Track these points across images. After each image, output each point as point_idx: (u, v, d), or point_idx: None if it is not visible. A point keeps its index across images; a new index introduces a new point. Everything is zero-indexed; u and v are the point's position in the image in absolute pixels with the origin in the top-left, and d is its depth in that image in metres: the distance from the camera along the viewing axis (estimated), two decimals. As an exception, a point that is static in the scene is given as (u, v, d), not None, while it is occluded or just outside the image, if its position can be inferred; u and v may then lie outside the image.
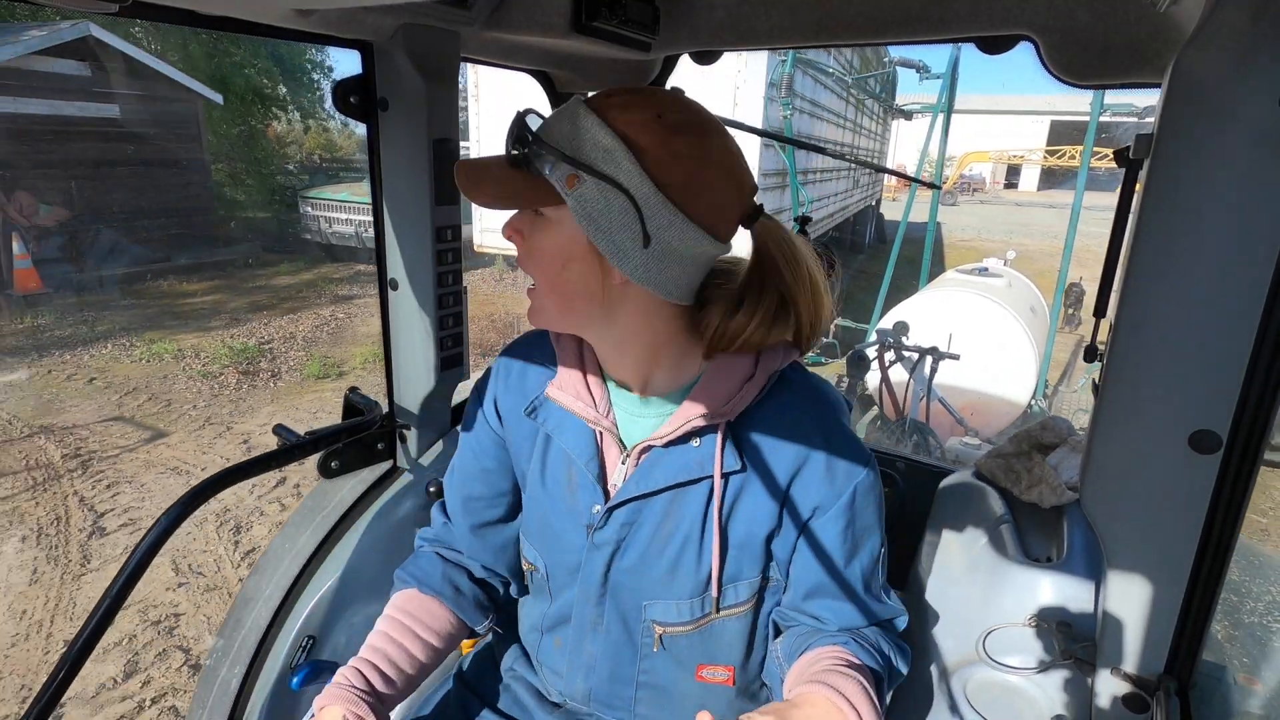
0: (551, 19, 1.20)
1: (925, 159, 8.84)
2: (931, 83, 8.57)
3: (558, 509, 0.99)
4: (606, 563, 0.97)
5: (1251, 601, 1.67)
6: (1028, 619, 1.04)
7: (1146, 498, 0.91)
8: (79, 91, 10.66)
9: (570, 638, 1.04)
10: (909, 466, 1.53)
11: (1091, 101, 6.79)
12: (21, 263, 9.59)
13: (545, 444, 1.00)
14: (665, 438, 0.90)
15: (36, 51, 9.95)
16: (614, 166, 0.77)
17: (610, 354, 0.93)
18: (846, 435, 0.91)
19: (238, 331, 9.08)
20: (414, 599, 1.06)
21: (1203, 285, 0.81)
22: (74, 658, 1.01)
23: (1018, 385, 5.94)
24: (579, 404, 0.94)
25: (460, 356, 1.51)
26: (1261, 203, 0.76)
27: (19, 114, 9.79)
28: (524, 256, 0.88)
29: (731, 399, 0.88)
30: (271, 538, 1.46)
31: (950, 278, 7.35)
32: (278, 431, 1.34)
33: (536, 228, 0.85)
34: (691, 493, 0.92)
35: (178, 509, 1.12)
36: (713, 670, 1.00)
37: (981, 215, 26.65)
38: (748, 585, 0.95)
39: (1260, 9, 0.73)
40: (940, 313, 6.12)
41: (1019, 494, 1.19)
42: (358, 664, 0.97)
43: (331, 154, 25.81)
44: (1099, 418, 0.94)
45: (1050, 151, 32.35)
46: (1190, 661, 0.92)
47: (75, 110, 10.47)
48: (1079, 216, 6.90)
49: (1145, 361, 0.87)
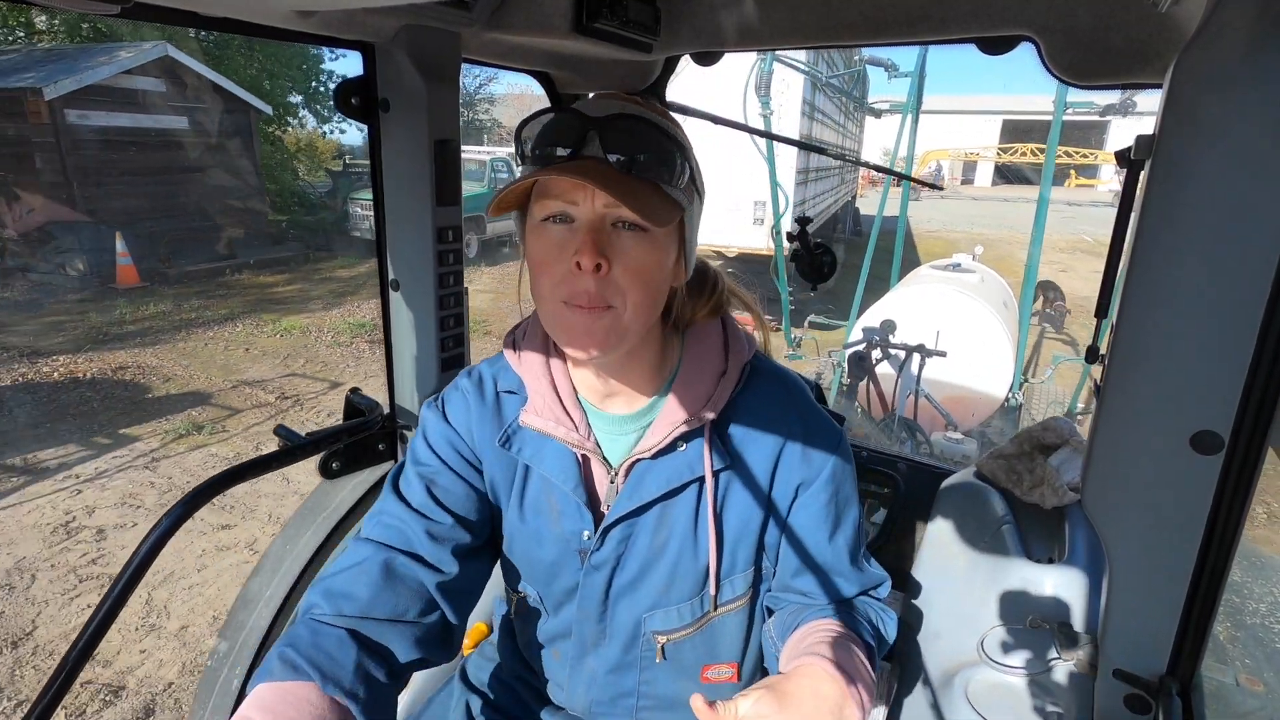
0: (552, 20, 1.20)
1: (897, 157, 8.96)
2: (899, 81, 8.69)
3: (543, 539, 0.96)
4: (606, 581, 0.96)
5: (1254, 603, 1.67)
6: (1029, 620, 1.04)
7: (1148, 498, 0.91)
8: (156, 106, 12.02)
9: (570, 653, 1.03)
10: (910, 467, 1.53)
11: (1055, 99, 6.88)
12: (123, 260, 10.46)
13: (525, 475, 0.96)
14: (653, 448, 0.88)
15: (126, 70, 11.20)
16: (699, 174, 0.85)
17: (615, 368, 0.89)
18: (818, 414, 0.94)
19: (339, 312, 10.16)
20: (300, 700, 0.73)
21: (1204, 286, 0.81)
22: (75, 659, 1.01)
23: (996, 379, 6.03)
24: (560, 429, 0.90)
25: (461, 357, 1.51)
26: (1262, 203, 0.76)
27: (109, 126, 11.11)
28: (613, 281, 0.78)
29: (710, 397, 0.89)
30: (272, 539, 1.47)
31: (925, 274, 7.42)
32: (279, 432, 1.35)
33: (635, 244, 0.78)
34: (682, 497, 0.91)
35: (178, 510, 1.12)
36: (717, 669, 1.00)
37: (943, 209, 28.46)
38: (743, 578, 0.95)
39: (1261, 9, 0.73)
40: (919, 309, 6.20)
41: (1020, 495, 1.19)
42: None
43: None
44: (1100, 418, 0.94)
45: (1004, 149, 33.86)
46: (1192, 663, 0.92)
47: (151, 122, 11.83)
48: (1046, 209, 6.95)
49: (1146, 362, 0.87)
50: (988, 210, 28.57)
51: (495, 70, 1.62)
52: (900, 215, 9.33)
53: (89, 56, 11.34)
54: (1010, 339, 6.11)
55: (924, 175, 33.63)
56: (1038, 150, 29.94)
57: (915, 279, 7.29)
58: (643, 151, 0.78)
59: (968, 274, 7.05)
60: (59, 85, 10.35)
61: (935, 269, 7.44)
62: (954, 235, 20.34)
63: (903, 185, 8.33)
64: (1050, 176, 7.00)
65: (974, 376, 5.91)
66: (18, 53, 12.71)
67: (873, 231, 8.91)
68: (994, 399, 6.03)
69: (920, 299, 6.35)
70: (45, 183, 10.94)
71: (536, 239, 0.80)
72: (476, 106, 32.82)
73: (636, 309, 0.79)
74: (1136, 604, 0.94)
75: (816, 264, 1.39)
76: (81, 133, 10.93)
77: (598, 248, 0.76)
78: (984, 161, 39.05)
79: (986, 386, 5.98)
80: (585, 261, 0.75)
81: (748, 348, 0.94)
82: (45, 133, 10.66)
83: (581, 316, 0.78)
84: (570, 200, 0.77)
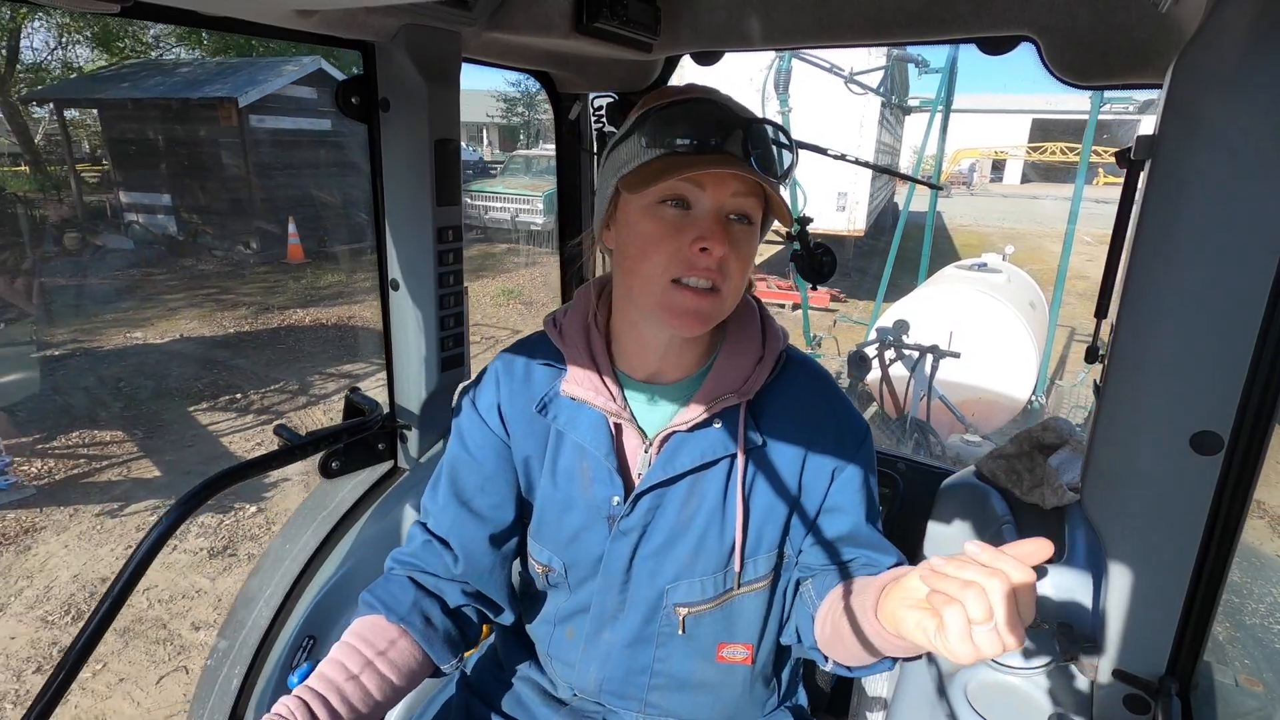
0: (553, 20, 1.20)
1: (924, 155, 9.04)
2: (929, 78, 8.75)
3: (573, 505, 1.00)
4: (631, 550, 0.98)
5: (1253, 603, 1.67)
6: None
7: (1148, 499, 0.91)
8: (312, 111, 14.38)
9: (586, 628, 1.04)
10: (910, 467, 1.53)
11: (1091, 98, 6.86)
12: (293, 240, 12.47)
13: (557, 441, 1.01)
14: (690, 422, 0.93)
15: (292, 82, 13.61)
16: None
17: (666, 344, 0.95)
18: (847, 404, 1.00)
19: (483, 283, 11.91)
20: (378, 627, 0.96)
21: (1204, 286, 0.81)
22: (75, 658, 1.01)
23: (1018, 382, 5.96)
24: (600, 398, 0.95)
25: (461, 357, 1.51)
26: (1262, 203, 0.76)
27: (278, 128, 13.73)
28: (726, 265, 0.85)
29: (748, 379, 0.94)
30: (271, 539, 1.47)
31: (949, 273, 7.32)
32: (279, 432, 1.35)
33: (747, 236, 0.87)
34: (713, 472, 0.95)
35: (178, 510, 1.12)
36: (732, 649, 1.02)
37: (975, 205, 29.50)
38: (766, 559, 0.98)
39: (1261, 10, 0.73)
40: (940, 309, 6.14)
41: (1020, 495, 1.19)
42: (304, 694, 0.87)
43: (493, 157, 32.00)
44: (1100, 418, 0.94)
45: (1034, 148, 34.65)
46: (1191, 663, 0.92)
47: (309, 124, 14.27)
48: (1079, 209, 6.94)
49: (1146, 362, 0.87)
50: (1018, 207, 29.57)
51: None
52: (929, 213, 9.49)
53: (263, 70, 13.79)
54: (1034, 341, 6.04)
55: (955, 174, 34.39)
56: (1067, 149, 30.32)
57: (940, 279, 7.23)
58: (780, 152, 0.85)
59: (994, 274, 6.96)
60: (248, 95, 12.67)
61: (960, 269, 7.36)
62: (986, 229, 21.96)
63: (932, 182, 8.46)
64: (1084, 174, 7.02)
65: (995, 379, 5.87)
66: (199, 66, 15.72)
67: (897, 229, 8.96)
68: (1016, 402, 5.98)
69: (942, 299, 6.31)
70: (230, 176, 13.52)
71: (650, 219, 0.85)
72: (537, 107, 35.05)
73: (735, 294, 0.87)
74: (1136, 604, 0.94)
75: (816, 264, 1.39)
76: (259, 134, 13.31)
77: (723, 237, 0.82)
78: (1013, 160, 39.69)
79: (1008, 389, 5.94)
80: (717, 248, 0.82)
81: (783, 338, 1.00)
82: (233, 134, 13.01)
83: (690, 296, 0.84)
84: (699, 186, 0.83)
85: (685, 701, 1.05)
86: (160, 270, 11.81)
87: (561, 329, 1.00)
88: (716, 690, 1.04)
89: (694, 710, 1.06)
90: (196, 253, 12.97)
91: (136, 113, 13.58)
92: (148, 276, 11.39)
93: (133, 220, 13.97)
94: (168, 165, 13.79)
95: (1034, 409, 6.16)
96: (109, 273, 11.50)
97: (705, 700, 1.05)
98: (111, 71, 15.56)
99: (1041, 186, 37.74)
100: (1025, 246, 15.63)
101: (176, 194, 13.75)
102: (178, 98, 13.18)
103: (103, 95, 13.83)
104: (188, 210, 13.84)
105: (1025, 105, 40.16)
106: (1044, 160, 32.97)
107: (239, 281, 11.40)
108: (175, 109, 13.33)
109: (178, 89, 13.46)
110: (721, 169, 0.80)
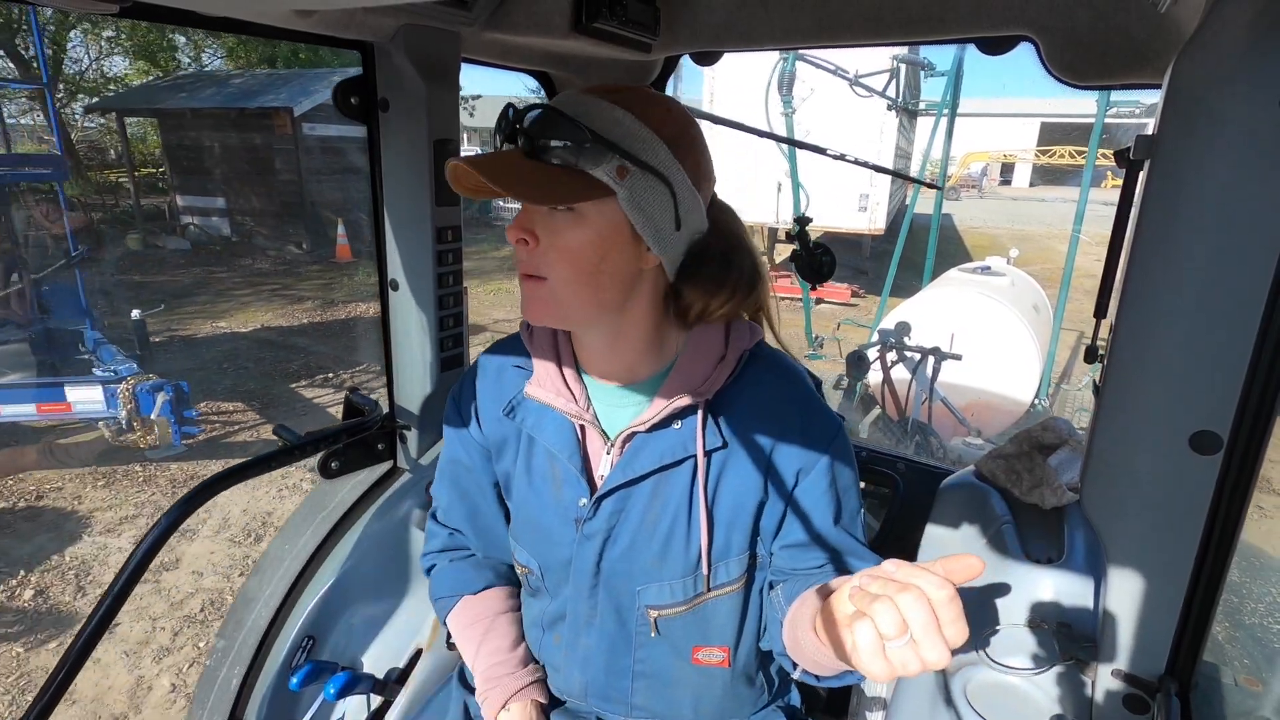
0: (552, 19, 1.20)
1: (929, 158, 9.04)
2: (935, 81, 8.75)
3: (545, 507, 1.00)
4: (598, 553, 0.98)
5: (1252, 603, 1.67)
6: (1028, 619, 1.04)
7: (1147, 498, 0.91)
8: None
9: (566, 633, 1.05)
10: (909, 467, 1.53)
11: (1097, 101, 6.87)
12: (341, 240, 13.46)
13: (529, 444, 1.01)
14: (648, 422, 0.92)
15: None
16: (655, 157, 0.83)
17: (607, 345, 0.93)
18: (817, 403, 0.96)
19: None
20: (475, 604, 1.11)
21: (1203, 286, 0.81)
22: (74, 658, 1.01)
23: (1021, 384, 5.93)
24: (560, 399, 0.95)
25: (460, 357, 1.51)
26: (1262, 203, 0.76)
27: (326, 135, 14.65)
28: (543, 254, 0.85)
29: (708, 379, 0.92)
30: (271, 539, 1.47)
31: (953, 276, 7.28)
32: (278, 432, 1.35)
33: (565, 224, 0.83)
34: (676, 474, 0.94)
35: (178, 509, 1.12)
36: (708, 652, 1.01)
37: (984, 208, 30.11)
38: (737, 562, 0.96)
39: (1260, 10, 0.73)
40: (943, 312, 6.11)
41: (1020, 495, 1.19)
42: (500, 664, 1.05)
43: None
44: (1100, 418, 0.94)
45: (1042, 151, 34.84)
46: (1191, 662, 0.92)
47: (353, 132, 14.09)
48: (1085, 210, 6.93)
49: (1146, 362, 0.87)
50: (1026, 209, 30.06)
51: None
52: (934, 215, 9.50)
53: (314, 80, 14.80)
54: (1037, 344, 6.00)
55: (966, 177, 34.99)
56: (1075, 153, 30.54)
57: (943, 281, 7.19)
58: (549, 138, 0.80)
59: (997, 277, 6.91)
60: (301, 104, 13.57)
61: (964, 271, 7.32)
62: (996, 231, 22.66)
63: (935, 190, 8.49)
64: (1090, 177, 7.02)
65: (998, 382, 5.83)
66: (250, 77, 16.69)
67: (901, 230, 8.95)
68: (1020, 404, 5.94)
69: (945, 302, 6.28)
70: (283, 180, 14.52)
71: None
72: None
73: (566, 283, 0.85)
74: (1135, 604, 0.94)
75: (815, 264, 1.39)
76: (310, 141, 14.35)
77: (521, 224, 0.85)
78: (1021, 163, 40.06)
79: (1011, 391, 5.89)
80: (510, 235, 0.86)
81: (749, 335, 0.97)
82: (288, 141, 14.07)
83: (525, 285, 0.88)
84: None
85: (669, 702, 1.05)
86: (220, 269, 12.77)
87: (532, 330, 1.01)
88: (696, 691, 1.04)
89: (678, 711, 1.05)
90: (251, 253, 13.83)
91: (194, 121, 14.61)
92: (211, 274, 12.30)
93: (189, 222, 14.91)
94: (222, 171, 14.75)
95: (1037, 412, 6.15)
96: (172, 271, 12.46)
97: (687, 701, 1.04)
98: (169, 82, 16.95)
99: (1050, 189, 38.12)
100: (1035, 247, 16.46)
101: (230, 198, 14.71)
102: (234, 107, 14.15)
103: (163, 105, 14.91)
104: (240, 213, 14.82)
105: (1033, 109, 40.61)
106: (1052, 164, 33.20)
107: (296, 279, 12.25)
108: (232, 118, 14.26)
109: (233, 99, 14.45)
110: (482, 167, 0.79)
